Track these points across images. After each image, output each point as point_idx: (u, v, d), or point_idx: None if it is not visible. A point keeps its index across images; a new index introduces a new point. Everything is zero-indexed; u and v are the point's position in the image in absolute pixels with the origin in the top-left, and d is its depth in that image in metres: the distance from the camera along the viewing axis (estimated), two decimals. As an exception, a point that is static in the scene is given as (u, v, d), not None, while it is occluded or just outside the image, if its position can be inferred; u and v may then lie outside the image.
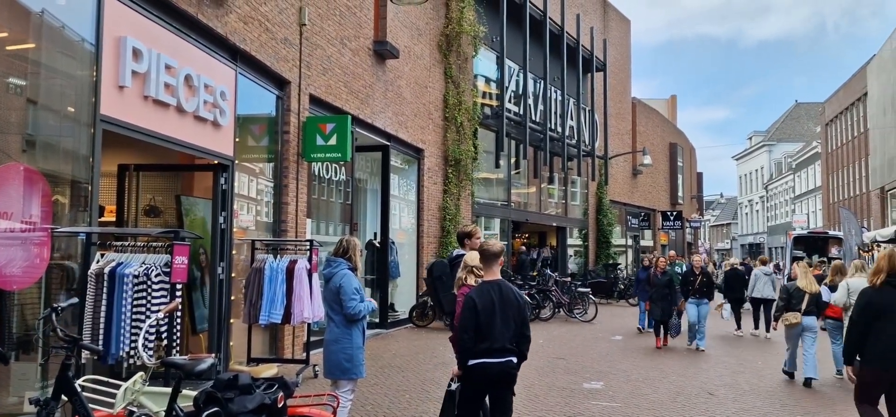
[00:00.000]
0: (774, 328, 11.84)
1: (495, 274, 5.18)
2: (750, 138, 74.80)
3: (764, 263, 17.02)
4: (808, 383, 9.42)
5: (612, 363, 11.04)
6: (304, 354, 9.47)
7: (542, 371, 10.14)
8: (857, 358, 5.69)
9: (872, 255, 20.10)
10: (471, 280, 5.53)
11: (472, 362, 4.99)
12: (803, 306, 9.72)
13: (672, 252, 19.17)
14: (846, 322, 7.41)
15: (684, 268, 17.11)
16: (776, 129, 69.27)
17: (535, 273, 20.15)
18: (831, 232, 29.28)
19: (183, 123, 7.68)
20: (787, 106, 73.96)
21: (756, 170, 72.09)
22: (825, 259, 21.65)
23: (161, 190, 9.10)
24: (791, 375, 10.00)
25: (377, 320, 13.61)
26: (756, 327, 15.52)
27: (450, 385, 5.31)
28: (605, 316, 17.89)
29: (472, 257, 5.65)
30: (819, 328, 9.93)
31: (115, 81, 6.58)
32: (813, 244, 26.84)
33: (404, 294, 15.16)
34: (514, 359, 5.07)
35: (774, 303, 13.93)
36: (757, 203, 72.00)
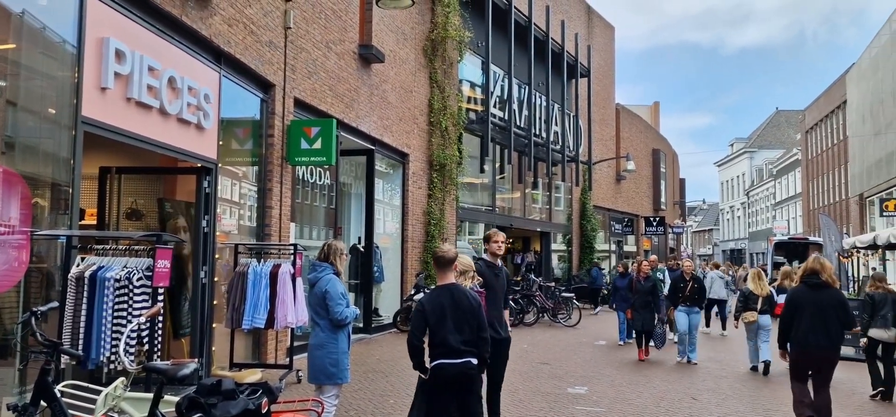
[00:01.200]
0: (736, 327, 13.06)
1: (448, 279, 5.21)
2: (731, 145, 75.51)
3: (716, 267, 19.48)
4: (766, 367, 10.85)
5: (597, 369, 11.08)
6: (288, 359, 9.41)
7: (527, 375, 10.15)
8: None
9: (852, 260, 20.36)
10: (467, 283, 5.64)
11: (432, 364, 5.04)
12: (758, 305, 11.12)
13: (653, 257, 19.19)
14: None
15: (667, 274, 17.25)
16: (757, 136, 69.94)
17: (519, 278, 20.17)
18: (811, 238, 29.67)
19: (166, 125, 7.61)
20: (768, 113, 74.80)
21: (737, 176, 72.74)
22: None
23: (143, 193, 9.00)
24: (755, 368, 11.15)
25: (361, 325, 13.55)
26: (707, 324, 16.86)
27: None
28: (588, 322, 17.95)
29: (464, 262, 5.73)
30: (771, 325, 10.78)
31: (96, 83, 6.51)
32: (793, 250, 27.18)
33: (388, 299, 15.10)
34: (474, 360, 5.08)
35: (728, 304, 16.80)
36: (738, 209, 72.64)
